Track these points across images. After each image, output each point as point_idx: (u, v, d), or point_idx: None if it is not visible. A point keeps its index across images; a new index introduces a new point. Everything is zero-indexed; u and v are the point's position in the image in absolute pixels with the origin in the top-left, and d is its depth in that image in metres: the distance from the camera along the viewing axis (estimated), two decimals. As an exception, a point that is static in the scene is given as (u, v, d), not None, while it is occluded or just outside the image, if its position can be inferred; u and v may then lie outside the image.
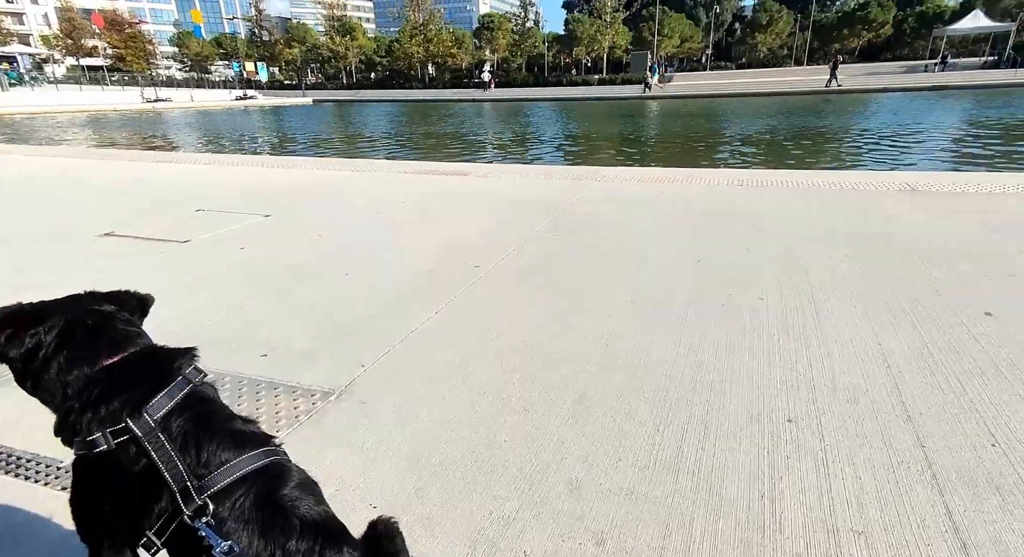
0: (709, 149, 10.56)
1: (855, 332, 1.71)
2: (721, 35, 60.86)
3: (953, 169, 7.12)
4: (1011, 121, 11.91)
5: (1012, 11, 41.50)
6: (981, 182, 3.71)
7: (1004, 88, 22.09)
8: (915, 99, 20.30)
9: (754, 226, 2.95)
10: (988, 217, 2.87)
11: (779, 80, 34.38)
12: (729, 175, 4.50)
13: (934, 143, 9.78)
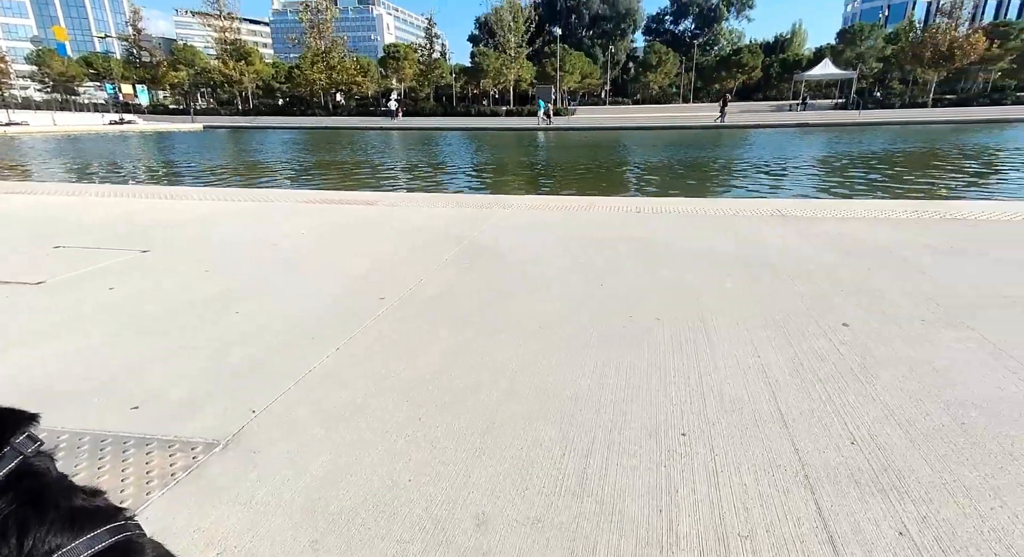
0: (610, 178, 11.24)
1: (738, 347, 1.87)
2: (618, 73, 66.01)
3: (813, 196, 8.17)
4: (856, 154, 13.95)
5: (852, 62, 49.24)
6: (835, 208, 4.29)
7: (851, 126, 25.94)
8: (783, 134, 23.17)
9: (650, 251, 3.17)
10: (842, 239, 3.32)
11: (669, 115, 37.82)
12: (628, 203, 4.82)
13: (798, 173, 11.16)
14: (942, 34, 43.71)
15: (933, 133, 21.55)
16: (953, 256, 2.83)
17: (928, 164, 12.09)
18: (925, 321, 2.01)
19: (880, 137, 20.10)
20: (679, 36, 68.24)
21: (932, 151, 14.79)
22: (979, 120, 26.80)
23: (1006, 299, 2.22)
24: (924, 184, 9.49)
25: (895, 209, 4.04)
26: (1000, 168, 11.14)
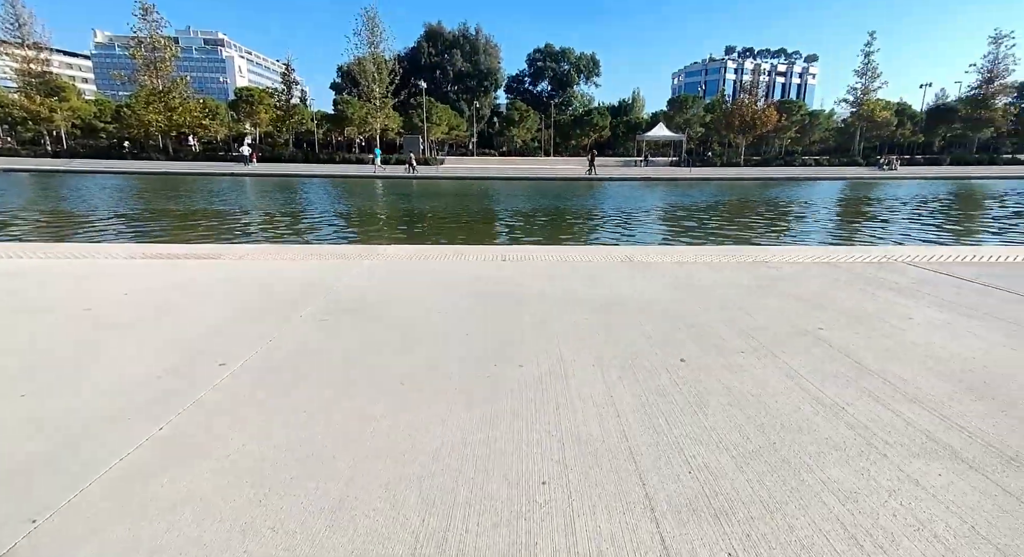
0: (478, 226, 11.61)
1: (594, 387, 2.00)
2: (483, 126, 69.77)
3: (656, 242, 9.24)
4: (687, 205, 16.17)
5: (681, 126, 57.85)
6: (673, 253, 4.89)
7: (683, 180, 30.14)
8: (630, 187, 26.08)
9: (515, 298, 3.30)
10: (679, 281, 3.77)
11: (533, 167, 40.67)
12: (495, 251, 5.00)
13: (645, 221, 12.56)
14: (745, 108, 53.50)
15: (745, 187, 25.89)
16: (762, 294, 3.37)
17: (741, 213, 14.40)
18: (744, 352, 2.34)
19: (706, 190, 23.59)
20: (538, 96, 74.72)
21: (744, 203, 17.71)
22: (778, 177, 32.92)
23: (801, 330, 2.68)
24: (737, 231, 11.23)
25: (718, 254, 4.72)
26: (796, 217, 13.66)
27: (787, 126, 57.13)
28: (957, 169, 41.60)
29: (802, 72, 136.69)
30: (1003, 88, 56.47)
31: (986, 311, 2.93)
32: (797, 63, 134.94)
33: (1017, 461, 1.47)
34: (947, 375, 2.08)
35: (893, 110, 58.89)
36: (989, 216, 13.95)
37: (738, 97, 58.54)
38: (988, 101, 55.79)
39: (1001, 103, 56.79)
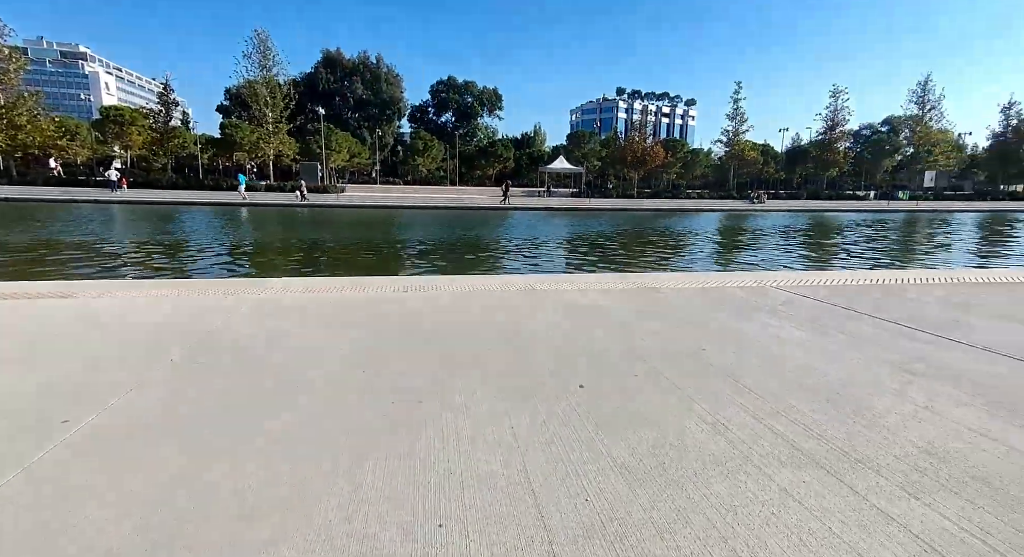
0: (380, 256, 11.33)
1: (496, 419, 1.98)
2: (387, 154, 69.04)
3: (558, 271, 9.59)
4: (588, 233, 17.02)
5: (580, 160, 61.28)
6: (573, 281, 5.09)
7: (583, 211, 31.76)
8: (535, 216, 26.98)
9: (415, 330, 3.22)
10: (578, 308, 3.92)
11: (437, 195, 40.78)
12: (395, 282, 4.88)
13: (548, 250, 12.99)
14: (636, 144, 58.08)
15: (639, 217, 27.85)
16: (652, 319, 3.59)
17: (636, 242, 15.41)
18: (637, 375, 2.46)
19: (604, 220, 25.03)
20: (442, 126, 75.77)
21: (639, 232, 19.02)
22: (666, 209, 35.85)
23: (687, 352, 2.88)
24: (630, 258, 11.99)
25: (613, 281, 5.00)
26: (682, 245, 14.88)
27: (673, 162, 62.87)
28: (812, 203, 48.12)
29: (683, 114, 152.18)
30: (842, 134, 66.95)
31: (835, 327, 3.36)
32: (679, 106, 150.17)
33: (863, 463, 1.67)
34: (808, 387, 2.33)
35: (759, 151, 67.19)
36: (837, 244, 16.20)
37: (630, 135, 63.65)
38: (832, 145, 65.74)
39: (842, 147, 67.18)
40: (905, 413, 2.06)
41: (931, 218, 30.95)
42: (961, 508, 1.43)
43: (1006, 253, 14.57)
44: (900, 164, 70.53)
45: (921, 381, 2.42)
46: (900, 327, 3.38)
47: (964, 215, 34.78)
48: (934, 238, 18.60)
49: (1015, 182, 70.54)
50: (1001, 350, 2.89)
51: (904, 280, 5.21)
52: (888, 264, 11.52)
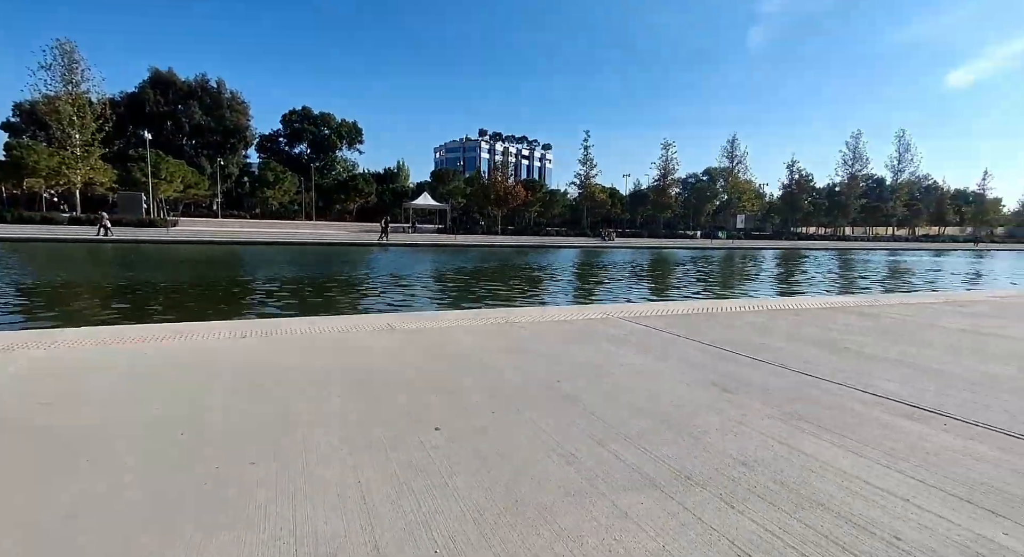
0: (209, 298, 10.23)
1: (341, 473, 1.83)
2: (231, 186, 63.36)
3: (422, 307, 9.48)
4: (455, 269, 17.17)
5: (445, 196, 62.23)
6: (436, 318, 5.05)
7: (450, 246, 32.08)
8: (400, 253, 26.55)
9: (253, 379, 2.90)
10: (440, 346, 3.87)
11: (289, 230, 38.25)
12: (232, 326, 4.39)
13: (411, 287, 12.80)
14: (499, 184, 60.79)
15: (504, 253, 28.88)
16: (512, 354, 3.69)
17: (502, 277, 15.91)
18: (495, 412, 2.48)
19: (471, 256, 25.53)
20: (296, 157, 71.86)
21: (503, 268, 19.69)
22: (529, 245, 37.72)
23: (543, 385, 2.99)
24: (494, 293, 12.34)
25: (475, 317, 5.06)
26: (544, 279, 15.68)
27: (534, 201, 66.77)
28: (652, 240, 54.37)
29: (541, 157, 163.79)
30: (673, 182, 77.24)
31: (669, 353, 3.75)
32: (537, 149, 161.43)
33: (692, 480, 1.85)
34: (647, 412, 2.54)
35: (608, 193, 74.61)
36: (673, 276, 18.38)
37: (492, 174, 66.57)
38: (665, 190, 75.43)
39: (673, 192, 77.47)
40: (724, 428, 2.34)
41: (743, 254, 36.69)
42: (765, 511, 1.64)
43: (797, 281, 17.77)
44: (719, 208, 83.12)
45: (736, 398, 2.78)
46: (720, 350, 3.89)
47: (767, 251, 41.88)
48: (744, 270, 22.05)
49: (800, 225, 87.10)
50: (791, 366, 3.46)
51: (724, 308, 6.04)
52: (711, 294, 13.34)
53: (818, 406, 2.67)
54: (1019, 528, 1.55)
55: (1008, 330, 4.94)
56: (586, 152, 69.62)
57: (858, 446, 2.16)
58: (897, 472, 1.92)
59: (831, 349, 4.00)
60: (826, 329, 4.82)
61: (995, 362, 3.65)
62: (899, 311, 6.07)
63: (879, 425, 2.42)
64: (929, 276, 21.97)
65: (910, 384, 3.09)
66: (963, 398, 2.83)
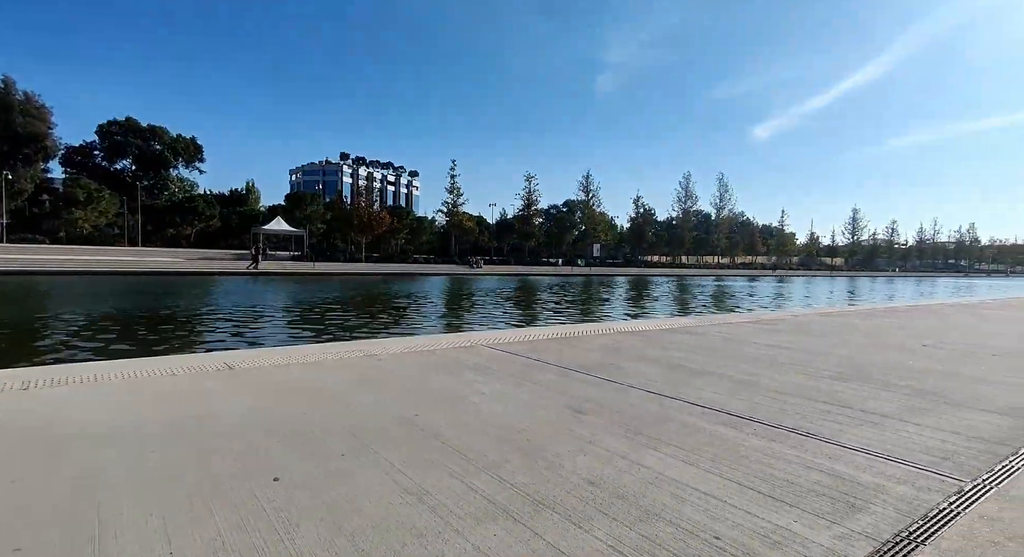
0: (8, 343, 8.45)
1: (150, 541, 1.56)
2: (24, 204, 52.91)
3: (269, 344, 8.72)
4: (310, 300, 16.07)
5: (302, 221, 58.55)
6: (281, 355, 4.64)
7: (308, 275, 30.08)
8: (248, 282, 24.25)
9: (44, 441, 2.39)
10: (283, 385, 3.56)
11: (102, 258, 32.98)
12: (15, 375, 3.60)
13: (260, 321, 11.74)
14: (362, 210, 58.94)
15: (368, 282, 27.85)
16: (367, 388, 3.52)
17: (365, 306, 15.28)
18: (345, 455, 2.32)
19: (332, 285, 24.21)
20: (117, 174, 62.41)
21: (370, 297, 18.95)
22: (395, 273, 36.84)
23: (400, 420, 2.88)
24: (356, 324, 11.82)
25: (327, 351, 4.76)
26: (411, 307, 15.37)
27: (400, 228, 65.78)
28: (518, 268, 56.54)
29: (408, 183, 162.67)
30: (536, 212, 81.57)
31: (530, 379, 3.88)
32: (403, 176, 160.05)
33: (544, 504, 1.90)
34: (505, 439, 2.58)
35: (475, 221, 76.29)
36: (540, 302, 19.22)
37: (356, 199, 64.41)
38: (529, 220, 79.34)
39: (537, 222, 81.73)
40: (575, 449, 2.46)
41: (600, 280, 39.75)
42: (608, 527, 1.73)
43: (643, 304, 19.69)
44: (577, 237, 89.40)
45: (588, 418, 2.95)
46: (576, 373, 4.12)
47: (619, 278, 45.86)
48: (600, 296, 23.89)
49: (647, 253, 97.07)
50: (636, 384, 3.78)
51: (581, 332, 6.45)
52: (571, 318, 14.19)
53: (657, 420, 2.94)
54: (806, 515, 1.84)
55: (801, 343, 5.96)
56: (453, 181, 70.88)
57: (688, 455, 2.41)
58: (717, 476, 2.17)
59: (668, 367, 4.46)
60: (664, 349, 5.37)
61: (792, 372, 4.35)
62: (721, 330, 7.00)
63: (705, 434, 2.73)
64: (743, 299, 25.78)
65: (729, 395, 3.55)
66: (768, 405, 3.32)
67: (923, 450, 2.52)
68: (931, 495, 2.00)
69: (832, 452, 2.48)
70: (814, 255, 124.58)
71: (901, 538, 1.67)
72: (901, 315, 9.88)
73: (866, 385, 3.89)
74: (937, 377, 4.22)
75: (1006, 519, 1.82)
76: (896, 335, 6.89)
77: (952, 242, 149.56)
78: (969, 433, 2.79)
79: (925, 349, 5.71)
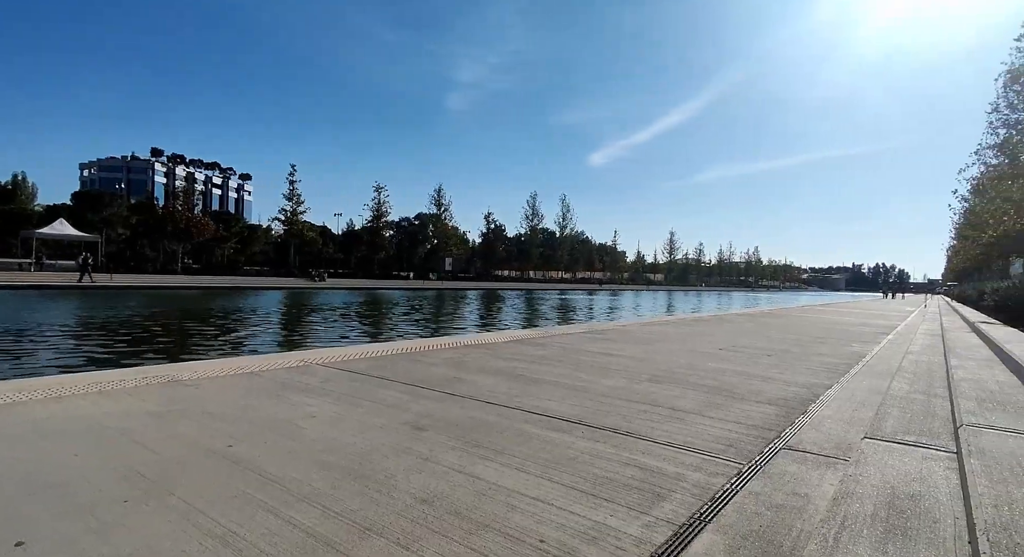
0: None
1: None
2: None
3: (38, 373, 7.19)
4: (100, 318, 13.64)
5: (98, 225, 49.53)
6: (59, 384, 3.82)
7: (100, 289, 25.42)
8: (20, 296, 19.76)
9: None
10: (51, 426, 2.92)
11: None
12: None
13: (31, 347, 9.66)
14: (179, 214, 51.88)
15: (180, 298, 24.47)
16: (172, 419, 3.05)
17: (182, 329, 13.40)
18: (128, 501, 1.96)
19: (132, 300, 20.79)
20: None
21: (187, 314, 16.62)
22: (219, 286, 32.95)
23: (209, 452, 2.54)
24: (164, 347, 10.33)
25: (119, 378, 4.03)
26: (233, 326, 13.83)
27: (227, 236, 59.14)
28: (366, 281, 54.36)
29: (238, 187, 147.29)
30: (387, 224, 79.58)
31: (367, 397, 3.71)
32: (233, 178, 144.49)
33: (372, 530, 1.80)
34: (335, 464, 2.41)
35: (318, 232, 71.75)
36: (388, 317, 18.65)
37: (171, 201, 56.46)
38: (379, 232, 77.07)
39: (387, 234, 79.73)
40: (411, 468, 2.39)
41: (452, 294, 40.01)
42: (439, 545, 1.70)
43: (493, 317, 20.26)
44: (430, 251, 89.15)
45: (427, 434, 2.90)
46: (418, 388, 4.04)
47: (471, 292, 46.66)
48: (451, 309, 24.04)
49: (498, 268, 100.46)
50: (478, 397, 3.84)
51: (426, 347, 6.37)
52: (422, 332, 14.01)
53: (495, 431, 3.00)
54: (620, 509, 2.01)
55: (625, 351, 6.61)
56: (293, 187, 65.82)
57: (521, 462, 2.49)
58: (547, 480, 2.28)
59: (511, 377, 4.61)
60: (509, 360, 5.56)
61: (618, 377, 4.79)
62: (560, 340, 7.48)
63: (539, 440, 2.85)
64: (582, 310, 28.01)
65: (562, 401, 3.77)
66: (595, 408, 3.60)
67: (715, 440, 2.94)
68: (718, 479, 2.33)
69: (646, 448, 2.77)
70: (640, 271, 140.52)
71: (693, 520, 1.91)
72: (704, 324, 11.54)
73: (676, 386, 4.44)
74: (729, 376, 4.99)
75: (766, 492, 2.19)
76: (700, 341, 8.01)
77: (743, 262, 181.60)
78: (748, 422, 3.33)
79: (721, 352, 6.72)
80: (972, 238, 27.88)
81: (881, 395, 4.18)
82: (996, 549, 1.54)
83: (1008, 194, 18.70)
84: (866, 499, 2.08)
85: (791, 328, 11.22)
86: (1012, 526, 1.67)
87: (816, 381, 4.85)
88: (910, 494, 2.16)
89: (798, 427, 3.25)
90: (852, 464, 2.51)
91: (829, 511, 1.96)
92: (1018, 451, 2.52)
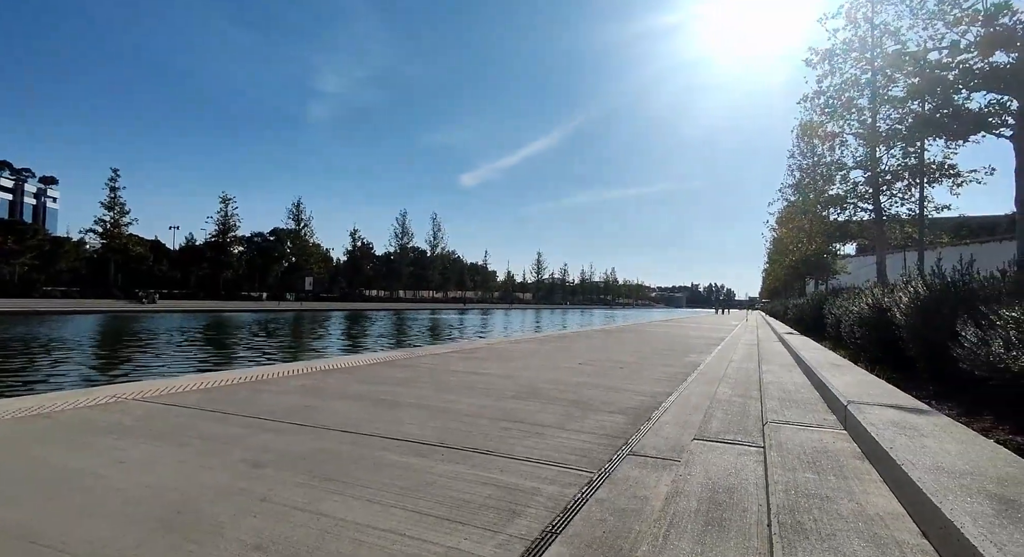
0: None
1: None
2: None
3: None
4: None
5: None
6: None
7: None
8: None
9: None
10: None
11: None
12: None
13: None
14: (-47, 221, 42.33)
15: (-44, 325, 19.86)
16: (44, 445, 2.40)
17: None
18: None
19: None
20: None
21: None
22: (10, 311, 27.35)
23: (81, 486, 2.03)
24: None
25: None
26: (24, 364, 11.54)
27: (20, 251, 49.50)
28: (208, 303, 48.72)
29: (38, 193, 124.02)
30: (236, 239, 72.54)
31: (196, 435, 3.27)
32: (31, 182, 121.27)
33: (184, 589, 1.56)
34: (148, 516, 2.07)
35: (148, 246, 62.92)
36: (231, 343, 16.85)
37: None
38: (225, 248, 69.91)
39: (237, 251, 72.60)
40: (243, 511, 2.13)
41: (312, 316, 37.48)
42: (269, 596, 1.53)
43: (357, 339, 19.34)
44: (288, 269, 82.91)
45: (266, 471, 2.62)
46: (260, 420, 3.66)
47: (334, 313, 44.18)
48: (311, 332, 22.50)
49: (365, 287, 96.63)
50: (333, 425, 3.59)
51: (276, 374, 5.84)
52: (271, 358, 12.86)
53: (348, 461, 2.81)
54: (475, 531, 1.98)
55: (492, 369, 6.70)
56: (115, 194, 56.97)
57: (375, 493, 2.36)
58: (401, 509, 2.18)
59: (372, 402, 4.39)
60: (372, 384, 5.30)
61: (483, 396, 4.81)
62: (428, 361, 7.35)
63: (397, 467, 2.73)
64: (453, 329, 28.00)
65: (424, 424, 3.68)
66: (458, 429, 3.56)
67: (570, 451, 3.06)
68: (570, 490, 2.42)
69: (505, 465, 2.79)
70: (510, 290, 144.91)
71: (545, 533, 1.95)
72: (567, 340, 12.18)
73: (538, 401, 4.57)
74: (587, 389, 5.28)
75: (611, 498, 2.33)
76: (562, 357, 8.41)
77: (602, 282, 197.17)
78: (600, 432, 3.53)
79: (581, 367, 7.11)
80: (778, 262, 33.49)
81: (709, 399, 4.72)
82: (783, 528, 1.79)
83: (802, 225, 23.22)
84: (692, 496, 2.30)
85: (642, 341, 12.29)
86: (795, 507, 1.96)
87: (660, 390, 5.33)
88: (727, 487, 2.44)
89: (643, 433, 3.52)
90: (683, 464, 2.78)
91: (662, 511, 2.13)
92: (805, 442, 2.99)
